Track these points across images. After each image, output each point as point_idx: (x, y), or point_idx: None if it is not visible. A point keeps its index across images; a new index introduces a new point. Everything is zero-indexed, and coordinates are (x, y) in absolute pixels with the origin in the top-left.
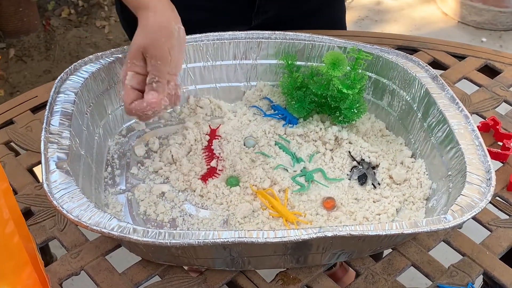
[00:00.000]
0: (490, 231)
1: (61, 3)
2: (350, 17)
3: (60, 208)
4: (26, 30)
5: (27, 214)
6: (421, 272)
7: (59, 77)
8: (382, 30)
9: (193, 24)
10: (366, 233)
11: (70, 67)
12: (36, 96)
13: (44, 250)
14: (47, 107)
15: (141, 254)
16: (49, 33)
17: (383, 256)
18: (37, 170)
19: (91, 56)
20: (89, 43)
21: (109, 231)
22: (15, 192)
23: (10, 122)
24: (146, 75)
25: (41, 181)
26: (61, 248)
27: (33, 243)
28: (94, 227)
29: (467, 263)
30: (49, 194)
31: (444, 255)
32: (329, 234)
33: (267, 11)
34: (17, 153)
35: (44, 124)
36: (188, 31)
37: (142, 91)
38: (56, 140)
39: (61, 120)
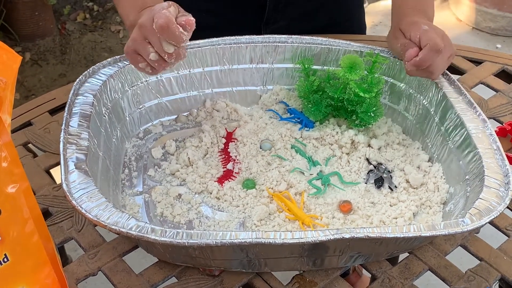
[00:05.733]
0: (508, 236)
1: (77, 7)
2: None
3: (79, 207)
4: (42, 34)
5: (45, 215)
6: (438, 277)
7: (77, 80)
8: None
9: (202, 27)
10: (384, 235)
11: (88, 70)
12: (54, 98)
13: (60, 252)
14: (66, 109)
15: (158, 255)
16: (65, 37)
17: (400, 260)
18: (54, 171)
19: (109, 59)
20: (104, 47)
21: (128, 231)
22: (33, 193)
23: (28, 124)
24: None
25: (58, 182)
26: (75, 251)
27: (52, 243)
28: (113, 227)
29: (484, 268)
30: (68, 194)
31: (459, 260)
32: (347, 236)
33: (276, 22)
34: (35, 155)
35: (63, 125)
36: (197, 34)
37: None
38: (75, 141)
39: (80, 121)
